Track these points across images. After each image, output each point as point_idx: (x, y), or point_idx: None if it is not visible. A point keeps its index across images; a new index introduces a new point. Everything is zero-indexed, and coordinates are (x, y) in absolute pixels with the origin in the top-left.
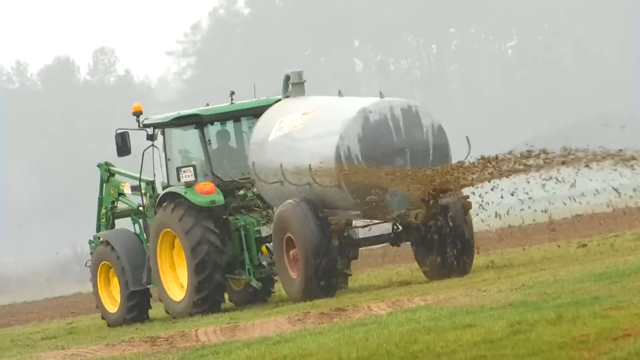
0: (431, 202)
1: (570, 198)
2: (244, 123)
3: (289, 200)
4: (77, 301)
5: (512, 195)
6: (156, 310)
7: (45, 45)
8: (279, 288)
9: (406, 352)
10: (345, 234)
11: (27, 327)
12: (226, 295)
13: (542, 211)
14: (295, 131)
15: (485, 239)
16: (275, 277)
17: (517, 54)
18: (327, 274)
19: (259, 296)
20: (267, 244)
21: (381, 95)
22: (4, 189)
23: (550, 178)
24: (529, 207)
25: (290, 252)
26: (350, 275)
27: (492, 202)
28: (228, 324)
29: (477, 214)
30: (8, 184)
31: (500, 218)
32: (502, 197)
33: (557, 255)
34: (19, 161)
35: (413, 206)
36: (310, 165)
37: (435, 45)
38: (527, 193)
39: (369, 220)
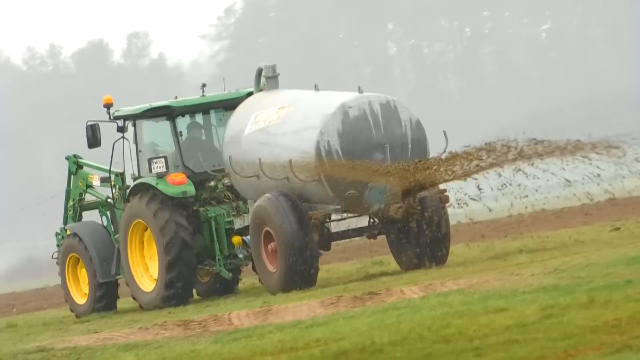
0: (411, 196)
1: (603, 181)
2: (213, 115)
3: (267, 195)
4: None
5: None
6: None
7: (79, 29)
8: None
9: (438, 336)
10: (325, 229)
11: (60, 310)
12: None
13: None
14: (272, 125)
15: (518, 223)
16: (243, 269)
17: (551, 37)
18: (305, 268)
19: (226, 288)
20: (244, 237)
21: (360, 90)
22: (37, 172)
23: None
24: (563, 190)
25: (269, 246)
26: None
27: (521, 185)
28: (261, 307)
29: (510, 198)
30: (41, 167)
31: (520, 200)
32: (538, 178)
33: (590, 238)
34: (51, 144)
35: (392, 200)
36: (291, 160)
37: (469, 28)
38: (565, 178)
39: (344, 214)
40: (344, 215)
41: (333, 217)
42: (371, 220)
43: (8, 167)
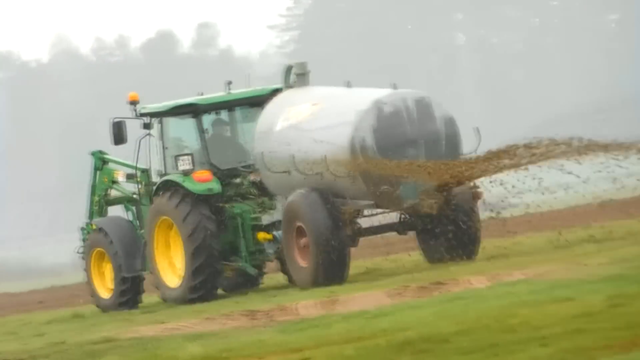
0: (446, 192)
1: None
2: (238, 112)
3: (299, 190)
4: None
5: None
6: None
7: (148, 20)
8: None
9: (504, 325)
10: (356, 225)
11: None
12: None
13: None
14: (304, 121)
15: (586, 212)
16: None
17: (620, 27)
18: (337, 263)
19: (249, 283)
20: (275, 232)
21: (394, 87)
22: None
23: None
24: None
25: (301, 241)
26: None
27: (582, 177)
28: (327, 297)
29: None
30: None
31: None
32: (599, 172)
33: None
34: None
35: (426, 196)
36: (325, 155)
37: (538, 19)
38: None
39: (374, 210)
40: (376, 210)
41: (363, 212)
42: (402, 216)
43: (76, 156)
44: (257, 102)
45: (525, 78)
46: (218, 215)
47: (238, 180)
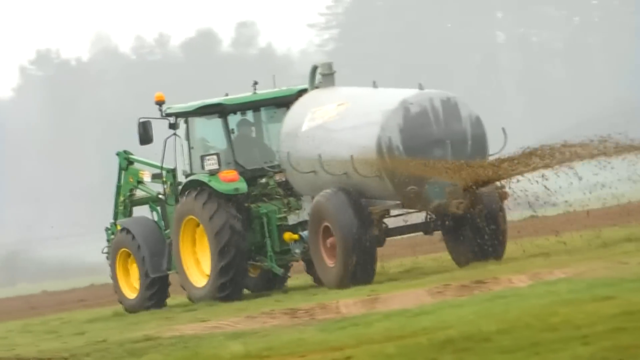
0: (473, 193)
1: None
2: (264, 113)
3: (326, 190)
4: None
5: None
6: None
7: (188, 18)
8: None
9: (545, 324)
10: (383, 225)
11: (167, 299)
12: None
13: None
14: (331, 121)
15: (625, 211)
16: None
17: None
18: (365, 263)
19: (274, 283)
20: (301, 232)
21: (420, 87)
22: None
23: None
24: None
25: (327, 241)
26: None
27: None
28: (368, 296)
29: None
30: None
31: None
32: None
33: None
34: (160, 132)
35: (454, 196)
36: (352, 156)
37: (577, 17)
38: None
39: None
40: (403, 210)
41: (390, 212)
42: (428, 216)
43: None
44: (283, 102)
45: (566, 76)
46: (244, 215)
47: (264, 180)
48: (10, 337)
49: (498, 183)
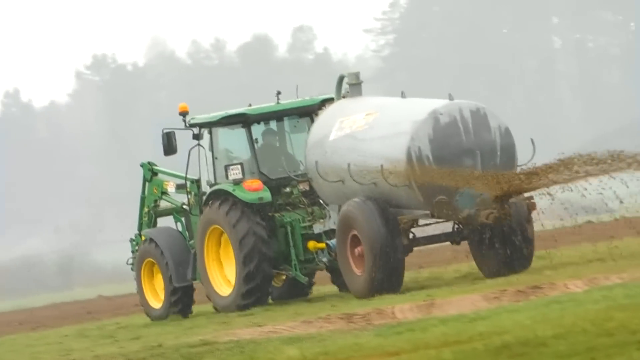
0: (504, 203)
1: None
2: (287, 122)
3: (355, 199)
4: None
5: None
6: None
7: (244, 23)
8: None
9: (601, 329)
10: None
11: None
12: None
13: None
14: (359, 131)
15: None
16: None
17: None
18: (393, 272)
19: (298, 293)
20: (327, 241)
21: (450, 97)
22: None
23: None
24: None
25: (356, 250)
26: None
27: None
28: (424, 301)
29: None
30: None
31: None
32: None
33: None
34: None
35: (483, 206)
36: (382, 165)
37: (634, 23)
38: None
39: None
40: (430, 220)
41: (418, 221)
42: (456, 225)
43: (172, 159)
44: (306, 112)
45: (622, 82)
46: (268, 224)
47: (288, 189)
48: (66, 342)
49: (529, 194)
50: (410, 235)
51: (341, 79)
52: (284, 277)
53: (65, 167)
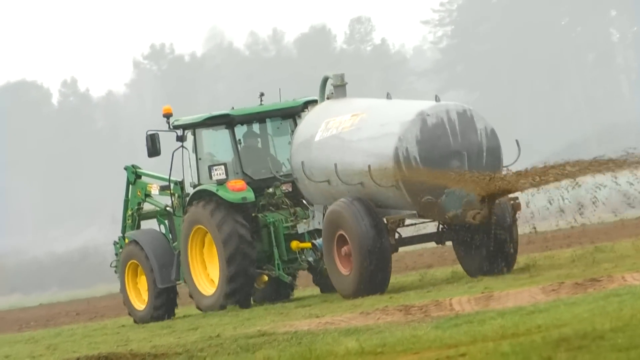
0: (490, 203)
1: None
2: (270, 124)
3: (341, 199)
4: None
5: None
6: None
7: (302, 14)
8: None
9: None
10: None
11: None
12: None
13: None
14: (345, 132)
15: None
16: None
17: None
18: (380, 272)
19: (280, 295)
20: (314, 241)
21: (437, 99)
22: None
23: None
24: None
25: (342, 249)
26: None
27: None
28: (482, 293)
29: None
30: None
31: None
32: None
33: None
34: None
35: (470, 207)
36: (369, 165)
37: None
38: None
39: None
40: (417, 220)
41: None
42: (440, 226)
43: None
44: (289, 114)
45: None
46: (251, 224)
47: (271, 190)
48: (123, 332)
49: (512, 195)
50: (396, 236)
51: (325, 80)
52: (266, 279)
53: (122, 157)
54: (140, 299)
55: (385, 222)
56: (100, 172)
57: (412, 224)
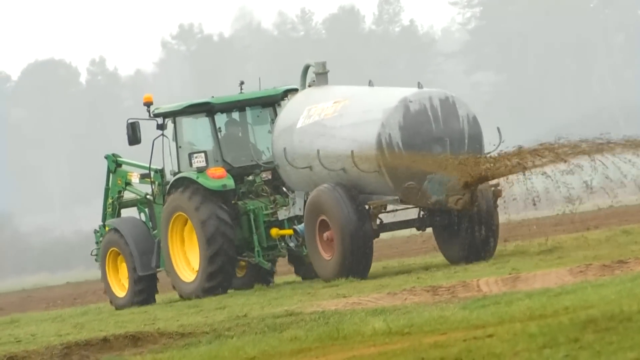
0: (473, 188)
1: None
2: (250, 112)
3: (324, 185)
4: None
5: None
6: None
7: None
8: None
9: None
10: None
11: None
12: None
13: None
14: (328, 119)
15: None
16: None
17: None
18: (362, 256)
19: (260, 283)
20: (295, 226)
21: (419, 86)
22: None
23: None
24: None
25: (324, 235)
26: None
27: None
28: (509, 274)
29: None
30: None
31: None
32: None
33: None
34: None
35: (452, 192)
36: (352, 151)
37: None
38: None
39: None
40: (400, 206)
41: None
42: (421, 213)
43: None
44: (268, 102)
45: None
46: (231, 211)
47: (250, 177)
48: (151, 311)
49: (494, 181)
50: (378, 221)
51: (306, 68)
52: (244, 264)
53: (149, 135)
54: (120, 286)
55: (368, 207)
56: (127, 151)
57: (393, 210)
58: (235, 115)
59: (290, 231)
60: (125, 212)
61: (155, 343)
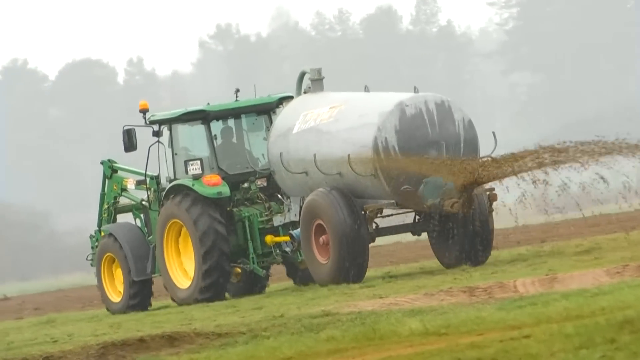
0: (469, 192)
1: None
2: (245, 120)
3: (320, 189)
4: (395, 250)
5: None
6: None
7: None
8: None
9: None
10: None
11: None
12: None
13: None
14: (324, 124)
15: None
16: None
17: None
18: (358, 260)
19: (255, 288)
20: (291, 231)
21: (415, 90)
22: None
23: None
24: None
25: (320, 239)
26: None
27: None
28: (546, 275)
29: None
30: None
31: None
32: None
33: None
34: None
35: (448, 196)
36: (349, 155)
37: None
38: None
39: (393, 210)
40: (396, 210)
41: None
42: (416, 217)
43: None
44: (264, 109)
45: None
46: (227, 218)
47: (246, 185)
48: (187, 311)
49: (489, 185)
50: (374, 225)
51: (302, 74)
52: (239, 271)
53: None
54: (116, 292)
55: (364, 211)
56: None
57: (389, 215)
58: (231, 122)
59: (285, 238)
60: (121, 218)
61: (191, 343)
